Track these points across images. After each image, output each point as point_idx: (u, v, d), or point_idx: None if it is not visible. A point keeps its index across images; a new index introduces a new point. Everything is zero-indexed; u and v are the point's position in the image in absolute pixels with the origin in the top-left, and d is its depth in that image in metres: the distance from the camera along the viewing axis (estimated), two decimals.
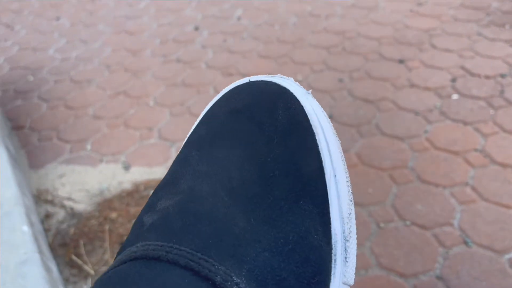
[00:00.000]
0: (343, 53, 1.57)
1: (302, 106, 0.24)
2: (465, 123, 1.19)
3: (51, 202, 1.04)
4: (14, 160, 1.07)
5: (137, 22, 1.98)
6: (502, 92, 1.28)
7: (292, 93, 0.24)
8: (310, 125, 0.24)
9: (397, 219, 0.95)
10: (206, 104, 0.28)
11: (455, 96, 1.29)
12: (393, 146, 1.14)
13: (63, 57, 1.77)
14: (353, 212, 0.23)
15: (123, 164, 1.18)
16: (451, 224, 0.92)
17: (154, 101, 1.42)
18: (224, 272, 0.19)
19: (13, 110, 1.46)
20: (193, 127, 0.27)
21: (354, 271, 0.23)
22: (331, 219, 0.22)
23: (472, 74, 1.38)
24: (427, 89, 1.34)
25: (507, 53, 1.46)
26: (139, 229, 0.22)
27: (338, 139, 0.25)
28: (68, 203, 1.04)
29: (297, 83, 0.26)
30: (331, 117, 1.26)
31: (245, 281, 0.19)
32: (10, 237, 0.77)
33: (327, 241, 0.21)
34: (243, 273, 0.19)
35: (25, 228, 0.79)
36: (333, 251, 0.21)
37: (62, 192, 1.09)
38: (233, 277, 0.19)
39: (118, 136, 1.29)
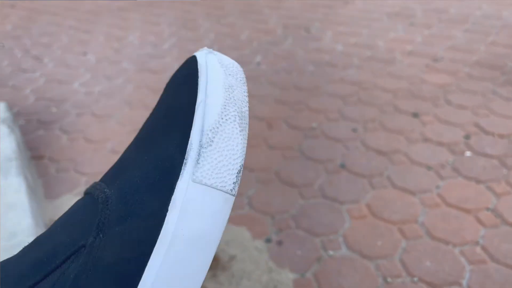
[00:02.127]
0: (358, 103, 1.60)
1: (196, 62, 0.29)
2: (478, 181, 1.19)
3: None
4: (32, 190, 1.09)
5: (160, 62, 2.06)
6: None
7: (195, 57, 0.30)
8: (197, 72, 0.28)
9: (405, 274, 0.94)
10: None
11: (468, 153, 1.30)
12: (403, 200, 1.14)
13: (86, 91, 1.83)
14: (226, 127, 0.26)
15: None
16: (460, 284, 0.91)
17: None
18: (101, 187, 0.28)
19: (34, 140, 1.50)
20: None
21: (226, 177, 0.25)
22: (191, 134, 0.26)
23: (486, 132, 1.39)
24: (440, 144, 1.35)
25: None
26: None
27: (234, 78, 0.29)
28: None
29: (207, 48, 0.31)
30: (343, 166, 1.28)
31: (112, 191, 0.27)
32: None
33: (181, 151, 0.26)
34: (114, 186, 0.27)
35: None
36: (185, 156, 0.25)
37: None
38: (105, 190, 0.27)
39: None
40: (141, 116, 1.61)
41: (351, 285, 0.93)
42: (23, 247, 0.29)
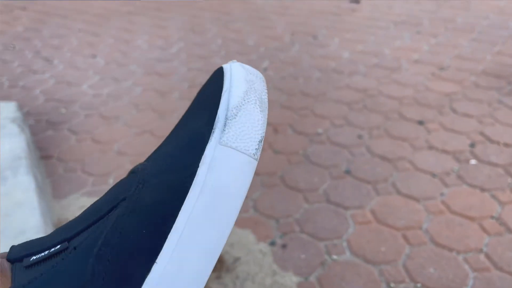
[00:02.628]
0: (364, 110, 1.61)
1: (222, 68, 0.33)
2: (482, 189, 1.19)
3: None
4: (40, 189, 1.11)
5: (167, 66, 2.08)
6: None
7: (221, 67, 0.34)
8: (222, 76, 0.32)
9: (408, 280, 0.95)
10: None
11: (473, 162, 1.31)
12: (408, 206, 1.15)
13: (95, 93, 1.85)
14: (247, 106, 0.30)
15: None
16: None
17: None
18: (140, 164, 0.31)
19: (43, 140, 1.52)
20: None
21: (250, 142, 0.29)
22: (218, 112, 0.30)
23: (491, 141, 1.39)
24: (445, 152, 1.35)
25: None
26: None
27: (254, 75, 0.33)
28: None
29: (234, 61, 0.35)
30: (348, 172, 1.28)
31: (150, 162, 0.31)
32: None
33: (209, 124, 0.30)
34: (151, 159, 0.32)
35: None
36: (213, 126, 0.29)
37: None
38: (144, 163, 0.31)
39: None
40: (148, 118, 1.63)
41: None
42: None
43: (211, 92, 0.33)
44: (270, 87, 1.82)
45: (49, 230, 0.96)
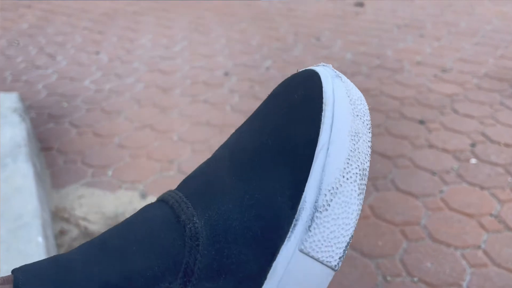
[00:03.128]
0: None
1: (321, 86, 0.25)
2: (482, 188, 1.19)
3: (67, 220, 1.07)
4: (39, 177, 1.11)
5: (171, 63, 2.09)
6: None
7: (318, 76, 0.25)
8: (321, 103, 0.24)
9: (405, 274, 0.94)
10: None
11: (473, 161, 1.30)
12: (407, 203, 1.15)
13: (97, 88, 1.86)
14: (346, 188, 0.23)
15: (140, 192, 1.21)
16: (460, 286, 0.91)
17: (178, 136, 1.48)
18: (190, 213, 0.24)
19: (44, 132, 1.53)
20: None
21: (335, 251, 0.22)
22: (306, 187, 0.22)
23: (492, 141, 1.39)
24: (445, 151, 1.35)
25: None
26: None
27: (361, 121, 0.25)
28: (83, 223, 1.07)
29: (332, 68, 0.26)
30: None
31: (203, 223, 0.24)
32: (26, 247, 0.80)
33: (293, 205, 0.22)
34: (204, 217, 0.24)
35: (40, 239, 0.82)
36: (296, 216, 0.22)
37: (79, 212, 1.13)
38: (194, 218, 0.24)
39: (140, 166, 1.33)
40: (150, 113, 1.63)
41: (350, 282, 0.93)
42: (81, 244, 0.26)
43: (299, 128, 0.24)
44: (272, 85, 1.82)
45: (46, 216, 0.97)
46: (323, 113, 0.24)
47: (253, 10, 2.94)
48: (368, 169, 0.24)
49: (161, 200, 0.27)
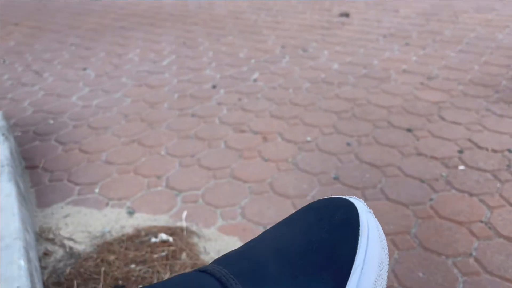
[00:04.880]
0: (353, 118, 1.61)
1: (358, 215, 0.30)
2: (471, 194, 1.19)
3: (52, 241, 1.05)
4: (22, 197, 1.09)
5: (158, 77, 2.08)
6: (509, 166, 1.29)
7: (355, 206, 0.31)
8: (358, 229, 0.29)
9: (396, 285, 0.93)
10: (216, 158, 0.38)
11: (461, 167, 1.30)
12: (397, 212, 1.14)
13: (84, 104, 1.85)
14: None
15: (127, 209, 1.19)
16: None
17: (165, 151, 1.46)
18: None
19: (29, 150, 1.51)
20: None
21: None
22: None
23: (480, 147, 1.39)
24: (434, 158, 1.35)
25: None
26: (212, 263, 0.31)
27: (385, 253, 0.29)
28: (68, 243, 1.05)
29: (365, 204, 0.32)
30: (336, 178, 1.28)
31: None
32: (7, 270, 0.77)
33: None
34: None
35: (22, 262, 0.80)
36: None
37: (65, 232, 1.10)
38: None
39: (127, 182, 1.32)
40: (137, 128, 1.62)
41: None
42: None
43: (341, 242, 0.29)
44: (260, 97, 1.82)
45: (29, 237, 0.94)
46: (359, 238, 0.28)
47: (241, 23, 2.95)
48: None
49: (204, 271, 0.28)
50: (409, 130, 1.51)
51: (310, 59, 2.21)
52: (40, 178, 1.35)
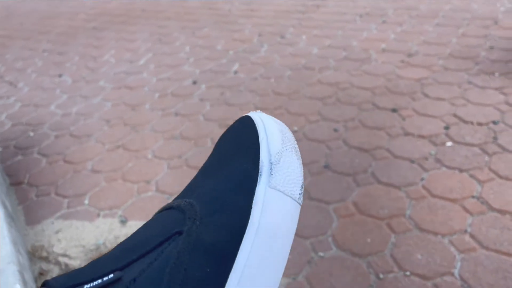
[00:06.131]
0: (338, 103, 1.60)
1: (251, 117, 0.35)
2: (461, 170, 1.20)
3: (46, 259, 1.03)
4: (11, 218, 1.06)
5: (137, 78, 2.04)
6: (495, 138, 1.30)
7: (249, 115, 0.35)
8: (254, 125, 0.33)
9: (396, 269, 0.94)
10: (204, 157, 0.45)
11: (449, 144, 1.31)
12: (390, 195, 1.14)
13: (64, 112, 1.80)
14: (286, 153, 0.32)
15: (120, 218, 1.17)
16: (451, 274, 0.91)
17: (152, 154, 1.44)
18: (181, 201, 0.32)
19: (12, 166, 1.47)
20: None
21: (295, 187, 0.31)
22: (260, 156, 0.31)
23: (465, 122, 1.40)
24: (421, 137, 1.36)
25: (498, 100, 1.49)
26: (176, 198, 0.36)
27: (284, 127, 0.34)
28: (63, 260, 1.03)
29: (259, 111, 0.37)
30: (327, 166, 1.27)
31: (192, 200, 0.31)
32: None
33: (255, 166, 0.31)
34: (193, 196, 0.32)
35: (18, 286, 0.78)
36: (259, 170, 0.31)
37: (58, 248, 1.08)
38: (185, 200, 0.32)
39: (116, 189, 1.29)
40: (121, 132, 1.59)
41: (343, 286, 0.92)
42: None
43: (244, 138, 0.34)
44: (242, 89, 1.80)
45: (22, 259, 0.92)
46: (256, 125, 0.33)
47: (215, 13, 2.90)
48: (298, 149, 0.33)
49: (158, 212, 0.33)
50: (394, 110, 1.51)
51: (288, 45, 2.19)
52: (27, 194, 1.32)
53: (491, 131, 1.34)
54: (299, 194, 0.31)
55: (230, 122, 1.58)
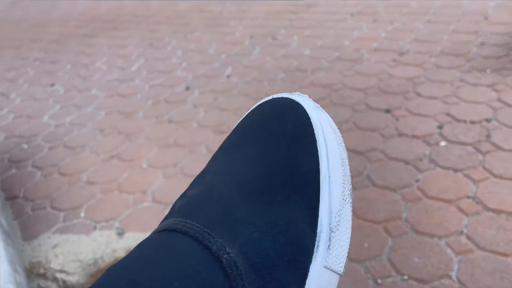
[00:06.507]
0: (331, 105, 1.60)
1: (309, 117, 0.28)
2: (455, 170, 1.20)
3: (44, 276, 1.03)
4: (7, 235, 1.06)
5: (129, 85, 2.04)
6: (488, 136, 1.31)
7: (303, 107, 0.29)
8: (313, 134, 0.28)
9: (394, 273, 0.94)
10: (199, 165, 0.36)
11: (443, 143, 1.31)
12: (385, 197, 1.15)
13: (57, 123, 1.80)
14: (345, 209, 0.27)
15: (117, 231, 1.17)
16: (449, 277, 0.91)
17: (147, 163, 1.44)
18: (220, 243, 0.25)
19: (7, 180, 1.46)
20: (228, 134, 0.34)
21: (343, 261, 0.26)
22: (319, 212, 0.26)
23: (458, 120, 1.41)
24: (415, 137, 1.36)
25: (490, 98, 1.49)
26: (171, 211, 0.29)
27: (343, 148, 0.29)
28: (60, 276, 1.03)
29: (310, 99, 0.30)
30: None
31: (236, 252, 0.25)
32: None
33: (313, 229, 0.26)
34: (235, 246, 0.25)
35: None
36: (317, 238, 0.26)
37: (55, 264, 1.08)
38: (226, 248, 0.25)
39: (112, 201, 1.29)
40: (115, 142, 1.58)
41: None
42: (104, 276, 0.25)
43: (300, 158, 0.28)
44: (236, 94, 1.80)
45: (19, 278, 0.92)
46: (317, 144, 0.28)
47: (206, 16, 2.89)
48: (351, 189, 0.28)
49: (174, 230, 0.26)
50: (387, 111, 1.51)
51: (281, 47, 2.19)
52: (22, 208, 1.32)
53: (484, 129, 1.34)
54: (344, 264, 0.27)
55: (225, 128, 1.58)
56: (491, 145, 1.27)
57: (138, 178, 1.37)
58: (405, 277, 0.93)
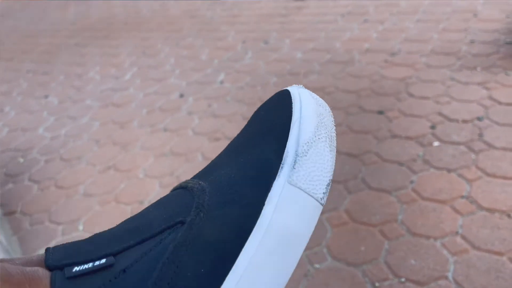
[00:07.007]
0: None
1: (289, 92, 0.32)
2: (449, 170, 1.21)
3: None
4: (6, 251, 1.06)
5: (123, 94, 2.04)
6: (481, 135, 1.32)
7: (287, 89, 0.33)
8: (291, 101, 0.31)
9: (391, 276, 0.95)
10: (195, 172, 0.37)
11: (436, 143, 1.33)
12: (381, 200, 1.16)
13: (52, 135, 1.80)
14: (317, 143, 0.29)
15: None
16: (445, 278, 0.92)
17: (143, 173, 1.44)
18: (196, 182, 0.30)
19: (4, 195, 1.46)
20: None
21: (319, 186, 0.28)
22: (287, 144, 0.28)
23: (450, 120, 1.42)
24: (408, 138, 1.37)
25: (481, 96, 1.51)
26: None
27: (322, 107, 0.31)
28: None
29: (300, 85, 0.34)
30: None
31: (207, 183, 0.30)
32: None
33: (278, 156, 0.28)
34: (208, 180, 0.30)
35: None
36: (282, 161, 0.28)
37: None
38: (200, 182, 0.30)
39: (110, 213, 1.29)
40: (111, 152, 1.59)
41: None
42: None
43: (277, 117, 0.31)
44: (229, 99, 1.81)
45: None
46: (293, 103, 0.30)
47: (197, 21, 2.90)
48: (335, 138, 0.30)
49: (174, 189, 0.32)
50: (380, 112, 1.53)
51: (272, 51, 2.20)
52: (21, 223, 1.32)
53: (476, 127, 1.36)
54: (323, 193, 0.28)
55: (219, 135, 1.59)
56: (484, 143, 1.28)
57: (135, 188, 1.38)
58: (403, 279, 0.94)
